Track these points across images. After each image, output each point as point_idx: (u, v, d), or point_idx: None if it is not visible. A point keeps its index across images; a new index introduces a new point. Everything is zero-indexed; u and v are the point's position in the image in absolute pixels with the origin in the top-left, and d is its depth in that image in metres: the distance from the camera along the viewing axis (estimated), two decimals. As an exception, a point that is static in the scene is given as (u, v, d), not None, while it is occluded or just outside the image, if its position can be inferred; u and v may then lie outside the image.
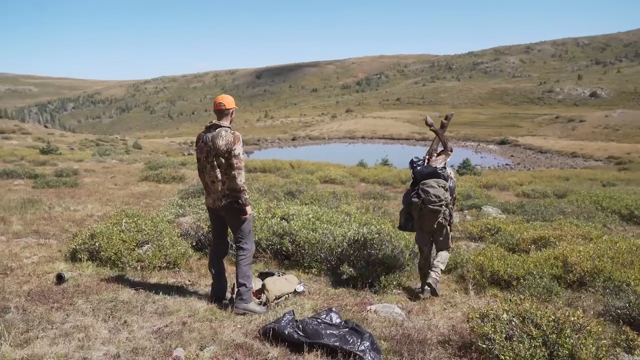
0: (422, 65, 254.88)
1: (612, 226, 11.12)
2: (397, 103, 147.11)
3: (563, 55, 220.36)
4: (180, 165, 24.49)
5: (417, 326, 4.39)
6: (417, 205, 5.26)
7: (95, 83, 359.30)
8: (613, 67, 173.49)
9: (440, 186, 5.24)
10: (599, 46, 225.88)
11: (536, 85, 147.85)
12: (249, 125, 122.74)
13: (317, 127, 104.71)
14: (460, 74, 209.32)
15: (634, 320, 4.66)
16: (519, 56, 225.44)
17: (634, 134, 77.20)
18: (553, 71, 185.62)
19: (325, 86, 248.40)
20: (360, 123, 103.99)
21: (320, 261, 6.27)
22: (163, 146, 72.99)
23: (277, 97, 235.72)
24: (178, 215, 8.92)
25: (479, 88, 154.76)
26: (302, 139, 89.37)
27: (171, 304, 4.60)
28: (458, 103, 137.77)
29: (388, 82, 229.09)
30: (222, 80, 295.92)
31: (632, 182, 25.74)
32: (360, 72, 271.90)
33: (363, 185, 19.52)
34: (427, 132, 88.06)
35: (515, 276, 5.93)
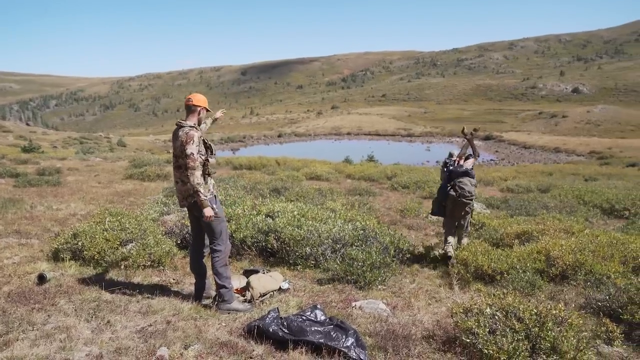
0: (407, 62, 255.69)
1: (593, 220, 11.29)
2: (382, 99, 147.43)
3: (545, 51, 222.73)
4: (165, 162, 24.23)
5: (402, 322, 4.42)
6: (453, 198, 6.66)
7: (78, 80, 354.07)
8: (594, 64, 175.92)
9: (472, 184, 6.68)
10: (580, 43, 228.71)
11: (520, 82, 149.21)
12: (235, 122, 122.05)
13: (303, 124, 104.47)
14: (445, 70, 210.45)
15: (614, 312, 4.74)
16: (502, 52, 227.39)
17: (614, 129, 78.41)
18: (536, 67, 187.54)
19: (310, 83, 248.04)
20: (346, 119, 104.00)
21: (305, 258, 6.27)
22: (148, 144, 72.26)
23: (263, 94, 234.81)
24: (162, 214, 8.85)
25: (463, 84, 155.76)
26: (288, 136, 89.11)
27: (155, 303, 4.56)
28: (443, 99, 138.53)
29: (373, 78, 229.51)
30: (207, 77, 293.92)
31: (613, 177, 26.15)
32: (346, 68, 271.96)
33: (349, 181, 19.53)
34: (412, 128, 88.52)
35: (499, 271, 5.99)
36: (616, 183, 19.91)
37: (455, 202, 6.68)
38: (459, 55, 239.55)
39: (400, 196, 15.39)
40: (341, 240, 6.40)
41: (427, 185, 16.86)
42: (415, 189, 16.56)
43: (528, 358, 3.60)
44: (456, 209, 6.79)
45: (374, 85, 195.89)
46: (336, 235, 6.41)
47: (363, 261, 5.62)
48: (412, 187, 16.85)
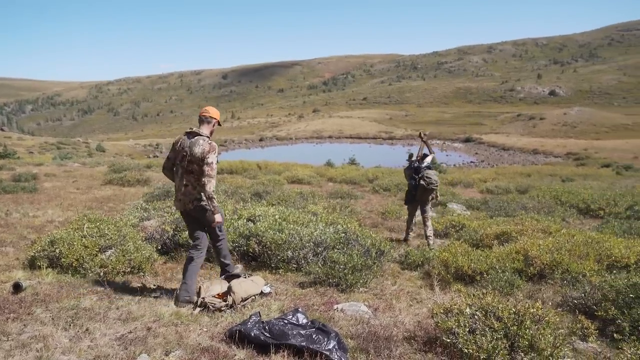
0: (388, 65, 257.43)
1: (570, 220, 11.52)
2: (363, 102, 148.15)
3: (523, 55, 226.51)
4: (146, 167, 24.00)
5: (384, 323, 4.44)
6: (423, 187, 8.39)
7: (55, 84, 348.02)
8: (570, 67, 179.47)
9: (435, 175, 8.48)
10: (557, 46, 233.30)
11: (498, 84, 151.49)
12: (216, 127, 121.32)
13: (284, 128, 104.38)
14: (425, 73, 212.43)
15: (589, 309, 4.85)
16: (481, 56, 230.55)
17: (590, 130, 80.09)
18: (514, 70, 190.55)
19: (292, 86, 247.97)
20: (328, 123, 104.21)
21: (287, 261, 6.27)
22: (127, 148, 71.42)
23: (244, 98, 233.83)
24: (142, 219, 8.74)
25: (443, 87, 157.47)
26: (270, 140, 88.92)
27: (135, 309, 4.51)
28: (423, 102, 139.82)
29: (354, 81, 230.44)
30: (187, 81, 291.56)
31: (588, 177, 26.73)
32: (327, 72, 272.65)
33: (330, 184, 19.58)
34: (393, 131, 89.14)
35: (478, 271, 6.07)
36: (592, 183, 20.36)
37: (425, 189, 8.42)
38: (439, 58, 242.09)
39: (381, 199, 15.48)
40: (323, 243, 6.41)
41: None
42: (396, 192, 16.68)
43: (507, 356, 3.65)
44: (425, 195, 8.52)
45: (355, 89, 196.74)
46: (318, 239, 6.43)
47: (344, 264, 5.64)
48: (394, 190, 16.98)
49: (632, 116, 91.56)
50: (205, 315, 4.54)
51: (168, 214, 8.23)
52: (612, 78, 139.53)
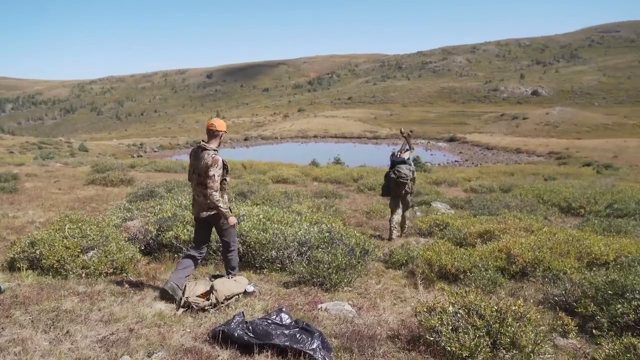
0: (372, 65, 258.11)
1: (552, 218, 11.67)
2: (348, 102, 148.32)
3: (506, 55, 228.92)
4: (129, 167, 23.77)
5: (367, 322, 4.46)
6: (394, 179, 8.79)
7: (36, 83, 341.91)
8: (552, 67, 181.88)
9: (407, 169, 8.83)
10: (539, 47, 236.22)
11: (482, 84, 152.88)
12: (200, 126, 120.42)
13: (270, 127, 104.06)
14: (410, 73, 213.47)
15: (569, 306, 4.93)
16: (465, 56, 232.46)
17: (571, 130, 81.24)
18: (497, 70, 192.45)
19: (277, 86, 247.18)
20: (313, 122, 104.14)
21: (271, 261, 6.26)
22: (111, 148, 70.58)
23: (229, 97, 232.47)
24: (126, 220, 8.65)
25: (428, 87, 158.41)
26: (255, 139, 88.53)
27: (118, 310, 4.47)
28: (408, 101, 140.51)
29: (339, 81, 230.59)
30: (171, 80, 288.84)
31: (570, 176, 27.12)
32: (312, 71, 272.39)
33: (315, 184, 19.58)
34: (378, 131, 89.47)
35: (462, 269, 6.13)
36: (573, 182, 20.65)
37: (396, 182, 8.79)
38: (423, 58, 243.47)
39: (366, 198, 15.53)
40: (307, 242, 6.41)
41: (393, 186, 17.06)
42: (381, 191, 16.74)
43: (489, 353, 3.69)
44: (397, 189, 8.89)
45: (340, 88, 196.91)
46: (302, 238, 6.43)
47: (329, 263, 5.65)
48: (378, 189, 16.97)
49: (611, 116, 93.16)
50: (189, 315, 4.51)
51: (151, 214, 8.15)
52: (592, 79, 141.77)
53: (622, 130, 78.93)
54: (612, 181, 22.31)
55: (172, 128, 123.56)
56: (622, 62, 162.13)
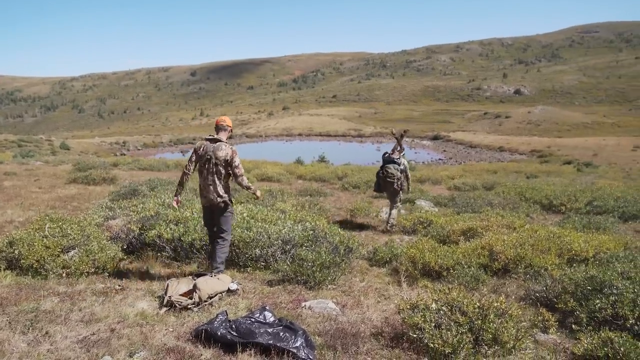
0: (357, 63, 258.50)
1: (534, 215, 11.83)
2: (333, 100, 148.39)
3: (489, 54, 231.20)
4: (112, 166, 23.49)
5: (351, 320, 4.47)
6: (382, 177, 9.64)
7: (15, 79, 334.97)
8: (534, 67, 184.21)
9: (395, 168, 9.54)
10: (521, 47, 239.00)
11: (465, 83, 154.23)
12: (184, 124, 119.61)
13: (254, 125, 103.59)
14: (394, 71, 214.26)
15: (550, 302, 5.00)
16: (449, 55, 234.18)
17: (552, 128, 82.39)
18: (481, 69, 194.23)
19: (261, 84, 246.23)
20: (297, 120, 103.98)
21: (255, 260, 6.23)
22: (93, 146, 69.60)
23: (213, 95, 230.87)
24: (108, 218, 8.55)
25: (412, 85, 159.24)
26: (239, 137, 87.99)
27: (99, 310, 4.41)
28: (392, 100, 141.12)
29: (324, 79, 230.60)
30: (155, 78, 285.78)
31: (551, 174, 27.52)
32: (297, 69, 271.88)
33: (300, 182, 19.57)
34: (362, 129, 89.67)
35: (445, 267, 6.17)
36: (554, 180, 20.96)
37: (384, 180, 9.60)
38: (407, 57, 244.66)
39: (350, 196, 15.56)
40: (291, 241, 6.40)
41: (378, 184, 17.11)
42: (365, 189, 16.79)
43: (471, 350, 3.73)
44: (386, 186, 9.69)
45: (324, 86, 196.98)
46: (286, 236, 6.41)
47: (313, 261, 5.64)
48: (363, 187, 17.08)
49: (591, 115, 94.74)
50: (172, 315, 4.48)
51: (134, 212, 8.07)
52: (573, 78, 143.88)
53: (601, 129, 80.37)
54: (591, 179, 22.70)
55: (156, 126, 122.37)
56: (601, 63, 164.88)
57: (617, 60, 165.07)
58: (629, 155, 53.84)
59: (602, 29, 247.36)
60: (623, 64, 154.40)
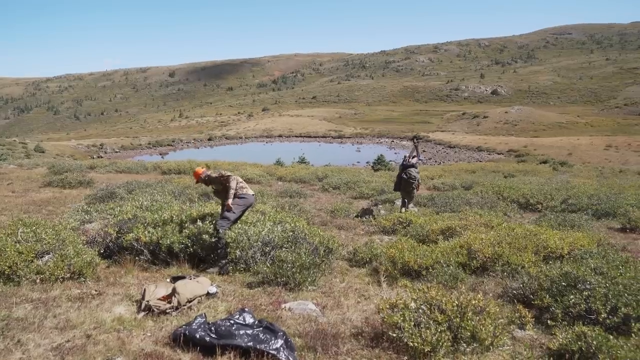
0: (336, 64, 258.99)
1: (511, 214, 12.01)
2: (313, 101, 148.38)
3: (467, 55, 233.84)
4: (89, 168, 23.12)
5: (331, 321, 4.48)
6: (405, 179, 11.42)
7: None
8: (510, 67, 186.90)
9: (415, 172, 11.51)
10: (498, 48, 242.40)
11: (444, 83, 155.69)
12: (163, 126, 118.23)
13: (234, 127, 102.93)
14: (374, 72, 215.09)
15: (527, 298, 5.08)
16: (427, 55, 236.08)
17: (529, 128, 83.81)
18: (459, 70, 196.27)
19: (241, 85, 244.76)
20: (277, 122, 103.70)
21: (235, 262, 6.19)
22: (69, 149, 68.34)
23: (192, 96, 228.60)
24: (84, 222, 8.42)
25: (391, 86, 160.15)
26: (219, 139, 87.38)
27: (74, 316, 4.32)
28: (372, 100, 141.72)
29: (304, 80, 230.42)
30: (133, 78, 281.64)
31: (528, 173, 27.98)
32: (276, 70, 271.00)
33: (280, 183, 19.53)
34: (342, 130, 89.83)
35: (424, 266, 6.22)
36: (531, 179, 21.31)
37: (406, 181, 11.45)
38: (386, 57, 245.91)
39: (331, 197, 15.60)
40: (271, 242, 6.38)
41: (357, 185, 17.19)
42: (345, 190, 16.85)
43: (450, 347, 3.77)
44: (406, 186, 11.53)
45: (304, 87, 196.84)
46: (266, 238, 6.38)
47: (293, 263, 5.63)
48: (343, 188, 17.14)
49: (565, 115, 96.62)
50: (150, 319, 4.42)
51: (111, 216, 7.94)
52: (547, 79, 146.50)
53: (575, 129, 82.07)
54: (566, 178, 23.15)
55: (134, 128, 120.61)
56: (574, 63, 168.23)
57: (589, 61, 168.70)
58: (602, 154, 55.19)
59: (575, 30, 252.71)
60: (594, 65, 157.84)
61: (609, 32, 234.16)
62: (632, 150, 56.44)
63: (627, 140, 62.52)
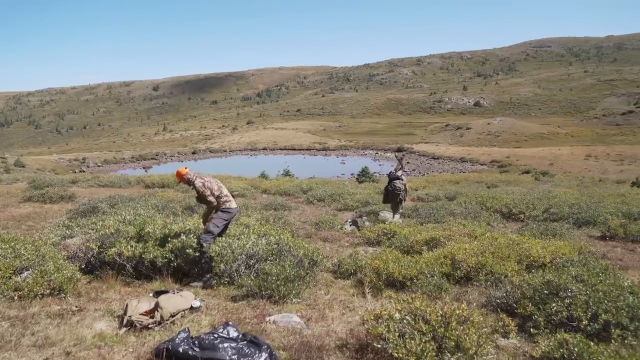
0: (321, 77, 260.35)
1: (494, 224, 12.13)
2: (297, 114, 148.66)
3: (450, 67, 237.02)
4: (71, 183, 22.80)
5: (316, 333, 4.46)
6: (391, 191, 11.95)
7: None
8: (492, 79, 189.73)
9: (400, 184, 11.96)
10: (480, 60, 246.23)
11: (427, 96, 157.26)
12: (147, 140, 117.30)
13: (218, 140, 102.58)
14: (358, 85, 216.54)
15: (510, 307, 5.12)
16: (411, 68, 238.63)
17: (511, 139, 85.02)
18: (442, 82, 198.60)
19: (225, 98, 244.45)
20: (262, 134, 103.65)
21: (219, 275, 6.14)
22: (51, 163, 67.41)
23: (176, 110, 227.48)
24: (65, 237, 8.29)
25: (375, 98, 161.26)
26: (203, 152, 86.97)
27: (54, 333, 4.24)
28: (356, 113, 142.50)
29: (288, 93, 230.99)
30: (116, 92, 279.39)
31: (511, 183, 28.35)
32: (261, 83, 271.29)
33: (265, 196, 19.47)
34: (327, 142, 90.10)
35: (409, 277, 6.24)
36: (513, 189, 21.58)
37: (392, 193, 11.98)
38: (370, 70, 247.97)
39: (315, 209, 15.59)
40: (255, 255, 6.35)
41: (342, 197, 17.22)
42: (330, 202, 16.86)
43: (435, 357, 3.77)
44: (392, 197, 12.03)
45: (289, 100, 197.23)
46: (250, 251, 6.35)
47: (277, 275, 5.60)
48: (328, 200, 17.14)
49: (546, 126, 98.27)
50: (132, 335, 4.35)
51: (93, 230, 7.84)
52: (528, 90, 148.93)
53: (556, 139, 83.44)
54: (548, 187, 23.48)
55: (117, 142, 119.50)
56: (553, 76, 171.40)
57: (568, 73, 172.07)
58: (582, 163, 56.18)
59: (554, 43, 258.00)
60: (573, 77, 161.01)
61: (586, 45, 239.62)
62: (611, 160, 57.62)
63: (606, 150, 63.85)
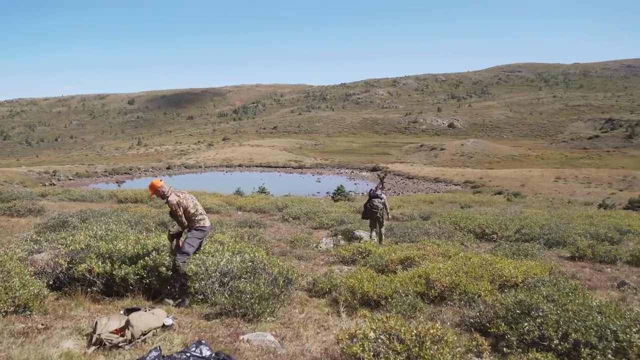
0: (297, 95, 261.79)
1: (468, 243, 12.29)
2: (274, 131, 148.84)
3: (424, 89, 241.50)
4: (40, 196, 22.23)
5: (290, 352, 4.41)
6: (369, 208, 12.12)
7: None
8: (465, 102, 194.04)
9: (378, 202, 12.12)
10: (454, 83, 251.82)
11: (402, 116, 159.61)
12: (121, 154, 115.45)
13: (194, 156, 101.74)
14: (334, 104, 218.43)
15: (484, 326, 5.18)
16: (386, 89, 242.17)
17: (484, 160, 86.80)
18: (417, 103, 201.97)
19: (201, 114, 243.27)
20: (238, 151, 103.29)
21: (193, 293, 6.04)
22: (19, 175, 65.60)
23: (152, 124, 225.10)
24: (32, 252, 8.03)
25: (351, 118, 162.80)
26: (178, 168, 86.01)
27: (17, 353, 4.09)
28: (332, 132, 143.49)
29: (265, 110, 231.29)
30: (90, 105, 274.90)
31: (484, 204, 28.84)
32: (237, 100, 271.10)
33: (240, 213, 19.33)
34: (303, 160, 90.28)
35: (384, 296, 6.26)
36: (486, 209, 21.95)
37: (370, 211, 12.13)
38: (347, 90, 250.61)
39: (290, 227, 15.54)
40: (229, 272, 6.27)
41: (317, 215, 17.22)
42: (305, 220, 16.83)
43: (409, 378, 3.77)
44: (371, 215, 12.20)
45: (265, 117, 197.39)
46: (224, 268, 6.27)
47: (251, 293, 5.54)
48: (303, 218, 17.12)
49: (518, 148, 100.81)
50: (101, 354, 4.24)
51: (63, 245, 7.62)
52: (500, 113, 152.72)
53: (527, 161, 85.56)
54: (520, 208, 23.97)
55: (90, 155, 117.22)
56: (524, 99, 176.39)
57: (537, 97, 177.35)
58: (552, 185, 57.65)
59: (524, 68, 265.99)
60: (543, 102, 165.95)
61: (555, 72, 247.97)
62: (579, 182, 59.34)
63: (574, 173, 65.79)
